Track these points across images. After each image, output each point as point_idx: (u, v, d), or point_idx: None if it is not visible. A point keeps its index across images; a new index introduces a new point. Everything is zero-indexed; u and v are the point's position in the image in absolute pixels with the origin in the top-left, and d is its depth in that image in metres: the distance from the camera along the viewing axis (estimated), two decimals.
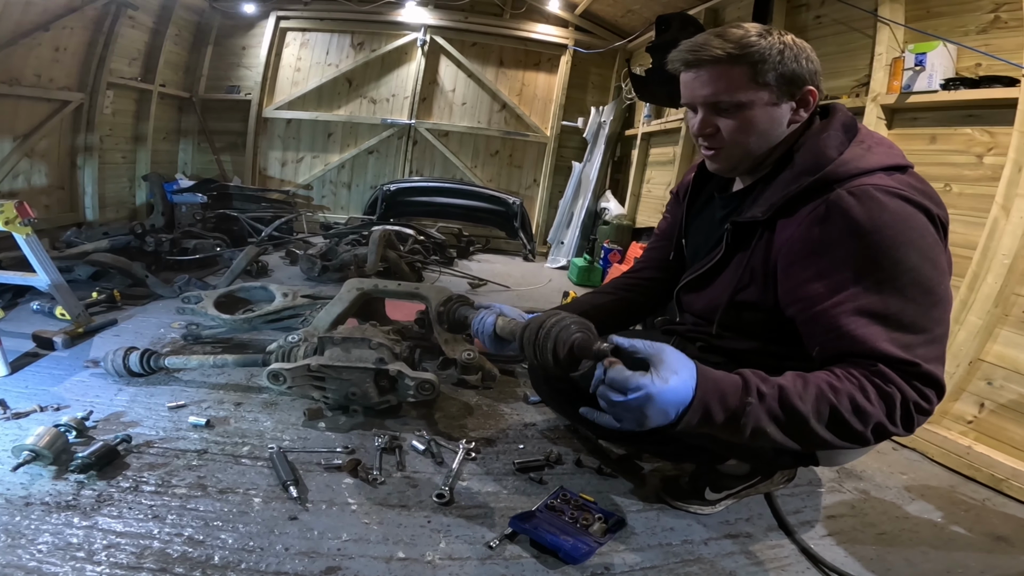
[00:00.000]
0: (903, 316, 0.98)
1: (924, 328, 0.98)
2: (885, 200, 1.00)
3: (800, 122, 1.16)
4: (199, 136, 5.64)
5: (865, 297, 0.99)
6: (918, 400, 0.96)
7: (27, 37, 3.45)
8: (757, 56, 1.08)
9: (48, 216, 3.92)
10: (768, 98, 1.11)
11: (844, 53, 2.89)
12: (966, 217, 2.12)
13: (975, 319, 1.93)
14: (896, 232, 0.99)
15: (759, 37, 1.09)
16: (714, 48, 1.10)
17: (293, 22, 5.64)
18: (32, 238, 2.16)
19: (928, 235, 1.01)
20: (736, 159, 1.20)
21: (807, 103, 1.14)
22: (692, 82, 1.15)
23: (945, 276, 1.03)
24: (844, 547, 1.41)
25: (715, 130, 1.16)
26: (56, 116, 3.89)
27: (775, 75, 1.09)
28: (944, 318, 1.02)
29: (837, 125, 1.14)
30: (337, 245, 3.89)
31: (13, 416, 1.60)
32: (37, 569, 1.07)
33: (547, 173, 5.89)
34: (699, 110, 1.17)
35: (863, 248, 1.00)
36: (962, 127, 2.21)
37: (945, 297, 1.02)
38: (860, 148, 1.09)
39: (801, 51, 1.11)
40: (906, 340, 0.97)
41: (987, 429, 1.89)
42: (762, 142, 1.16)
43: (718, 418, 0.94)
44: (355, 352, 1.71)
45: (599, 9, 5.34)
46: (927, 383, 0.97)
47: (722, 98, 1.12)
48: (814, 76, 1.13)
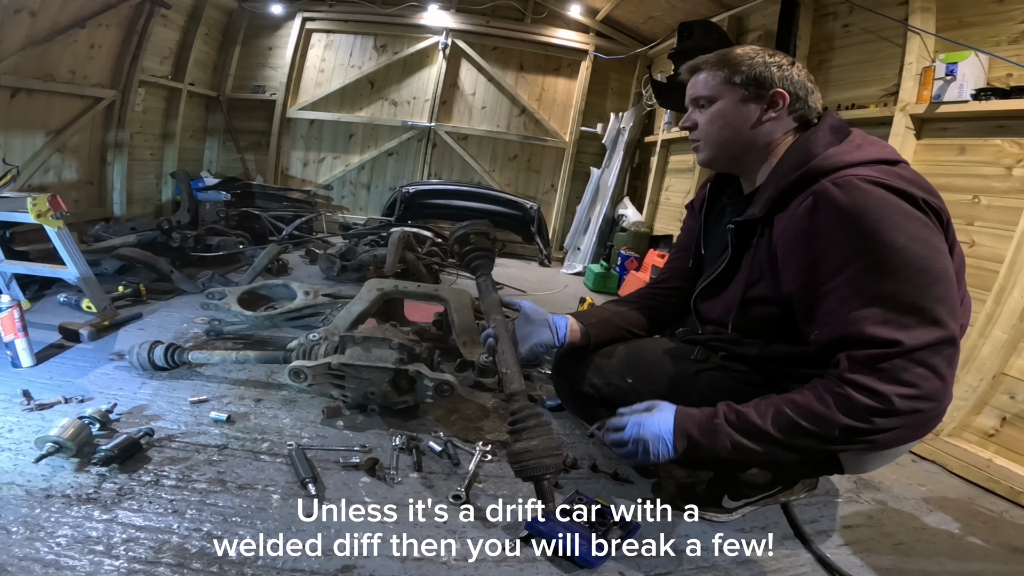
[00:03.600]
0: (898, 296, 1.01)
1: (921, 307, 1.00)
2: (867, 188, 1.05)
3: (771, 120, 1.26)
4: (224, 135, 5.74)
5: (857, 281, 1.04)
6: (890, 390, 0.98)
7: (64, 34, 3.52)
8: (732, 63, 1.26)
9: (77, 211, 4.00)
10: (737, 95, 1.26)
11: (872, 62, 2.85)
12: (994, 230, 2.08)
13: (1000, 333, 1.90)
14: (881, 216, 1.03)
15: (742, 52, 1.27)
16: (705, 60, 1.31)
17: (318, 23, 5.72)
18: (63, 231, 2.21)
19: (914, 218, 1.04)
20: (712, 149, 1.32)
21: (776, 104, 1.24)
22: (688, 89, 1.35)
23: (940, 255, 1.04)
24: (860, 556, 1.40)
25: (694, 124, 1.33)
26: (88, 113, 3.98)
27: (743, 77, 1.25)
28: (947, 295, 1.03)
29: (825, 127, 1.23)
30: (356, 245, 3.93)
31: (37, 407, 1.62)
32: (55, 562, 1.07)
33: (565, 178, 5.88)
34: (689, 108, 1.35)
35: (852, 234, 1.04)
36: (992, 138, 2.18)
37: (944, 275, 1.03)
38: (848, 146, 1.17)
39: (777, 63, 1.25)
40: (902, 320, 1.00)
41: (1008, 442, 1.87)
42: (732, 133, 1.28)
43: (698, 438, 1.14)
44: (375, 352, 1.73)
45: (620, 15, 5.34)
46: (915, 363, 0.98)
47: (700, 93, 1.31)
48: (786, 82, 1.24)
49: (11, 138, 3.36)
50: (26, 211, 2.14)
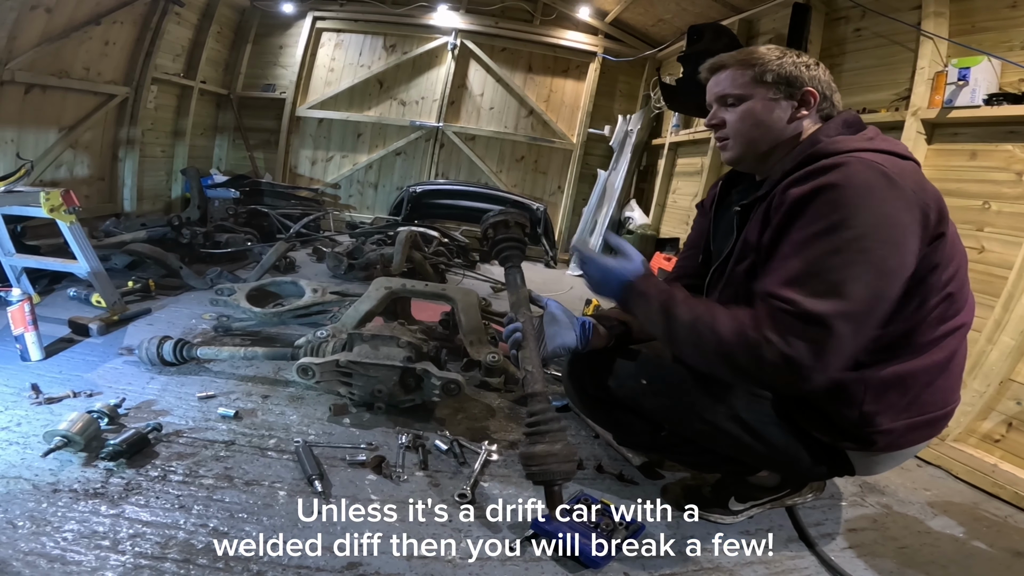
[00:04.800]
0: (824, 266, 1.02)
1: (836, 282, 1.01)
2: (859, 167, 1.05)
3: (803, 118, 1.25)
4: (234, 133, 5.78)
5: (804, 243, 1.06)
6: (769, 334, 1.02)
7: (79, 30, 3.55)
8: (760, 62, 1.24)
9: (88, 206, 4.02)
10: (767, 93, 1.24)
11: (884, 67, 2.84)
12: (1004, 236, 2.07)
13: (1008, 339, 1.90)
14: (858, 193, 1.03)
15: (767, 51, 1.26)
16: (729, 57, 1.29)
17: (329, 23, 5.75)
18: (75, 226, 2.24)
19: (892, 209, 1.04)
20: (741, 147, 1.30)
21: (807, 102, 1.24)
22: (711, 87, 1.32)
23: (897, 252, 1.04)
24: (864, 560, 1.40)
25: (721, 122, 1.30)
26: (101, 109, 4.02)
27: (773, 75, 1.23)
28: (878, 287, 1.03)
29: (839, 121, 1.24)
30: (363, 244, 3.95)
31: (46, 401, 1.63)
32: (60, 557, 1.07)
33: (572, 180, 5.89)
34: (712, 107, 1.32)
35: (824, 203, 1.05)
36: (1003, 143, 2.17)
37: (888, 271, 1.04)
38: (859, 137, 1.16)
39: (806, 62, 1.24)
40: (812, 287, 1.02)
41: (1014, 448, 1.87)
42: (763, 132, 1.26)
43: (639, 287, 1.23)
44: (383, 350, 1.73)
45: (630, 18, 5.34)
46: (803, 324, 1.01)
47: (728, 91, 1.28)
48: (815, 81, 1.23)
49: (25, 133, 3.39)
50: (39, 205, 2.16)
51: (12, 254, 2.37)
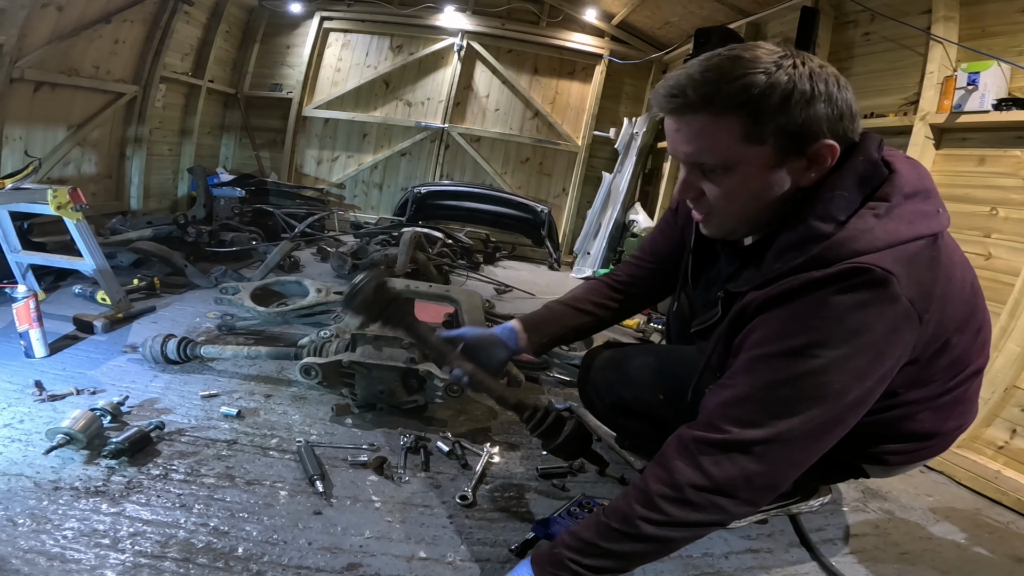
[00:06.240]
0: (771, 393, 0.88)
1: (773, 417, 0.87)
2: (856, 288, 0.84)
3: (811, 183, 0.93)
4: (241, 132, 5.80)
5: (758, 361, 0.90)
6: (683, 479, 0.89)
7: (89, 28, 3.57)
8: (756, 103, 0.84)
9: (94, 204, 4.05)
10: (765, 158, 0.89)
11: (893, 71, 2.83)
12: (1011, 242, 2.06)
13: (1014, 347, 1.89)
14: (838, 318, 0.85)
15: (764, 73, 0.84)
16: (706, 87, 0.86)
17: (336, 23, 5.77)
18: (82, 223, 2.25)
19: (876, 333, 0.85)
20: (729, 227, 1.02)
21: (820, 160, 0.90)
22: (673, 134, 0.94)
23: (860, 385, 0.88)
24: (865, 565, 1.39)
25: (699, 194, 0.97)
26: (110, 107, 4.04)
27: (775, 128, 0.86)
28: (825, 424, 0.89)
29: (850, 178, 0.90)
30: (367, 244, 3.95)
31: (49, 398, 1.63)
32: (60, 555, 1.07)
33: (576, 182, 5.88)
34: (681, 167, 0.98)
35: (792, 319, 0.87)
36: (1012, 149, 2.16)
37: (844, 405, 0.88)
38: (873, 216, 0.88)
39: (823, 92, 0.86)
40: (752, 418, 0.88)
41: (1018, 455, 1.86)
42: (758, 206, 0.95)
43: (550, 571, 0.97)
44: (387, 350, 1.73)
45: (636, 20, 5.33)
46: (731, 453, 0.88)
47: (705, 159, 0.92)
48: (836, 123, 0.88)
49: (33, 131, 3.42)
50: (46, 203, 2.17)
51: (18, 251, 2.38)
